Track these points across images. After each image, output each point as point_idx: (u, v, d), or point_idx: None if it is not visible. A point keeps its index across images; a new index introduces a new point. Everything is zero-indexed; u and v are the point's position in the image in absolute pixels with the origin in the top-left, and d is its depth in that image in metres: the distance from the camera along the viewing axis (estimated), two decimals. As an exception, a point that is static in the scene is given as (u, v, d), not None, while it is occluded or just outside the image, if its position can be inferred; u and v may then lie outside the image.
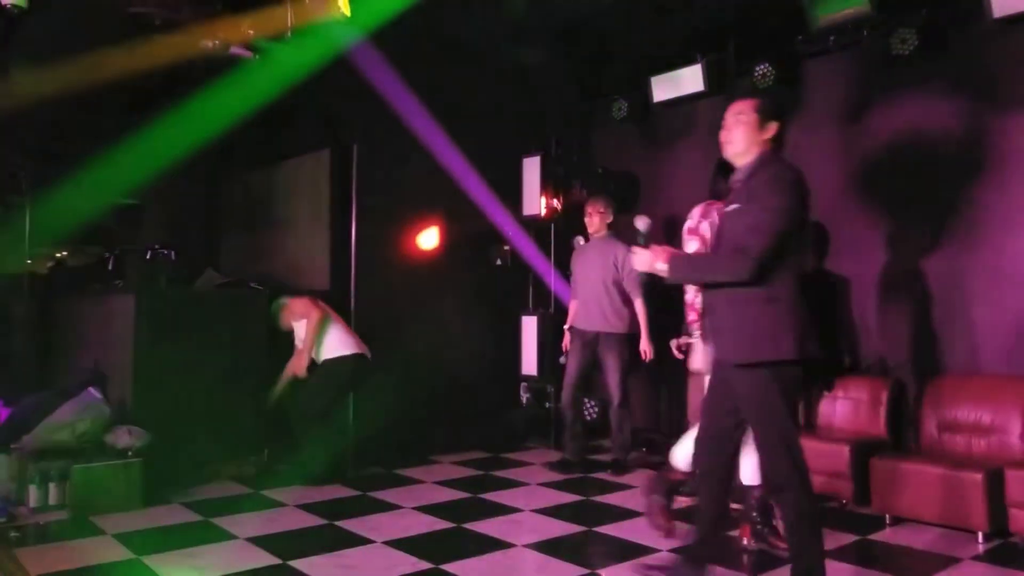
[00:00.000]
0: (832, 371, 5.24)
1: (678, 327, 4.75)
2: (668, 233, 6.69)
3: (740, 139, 3.19)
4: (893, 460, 4.46)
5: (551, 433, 6.76)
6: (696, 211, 4.28)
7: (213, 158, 6.53)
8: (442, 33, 5.65)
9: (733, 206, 3.17)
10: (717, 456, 3.30)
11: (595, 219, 5.88)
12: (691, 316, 4.19)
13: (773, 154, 3.20)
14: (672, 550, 3.96)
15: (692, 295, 4.15)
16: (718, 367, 3.26)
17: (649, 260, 3.22)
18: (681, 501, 4.63)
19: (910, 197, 5.18)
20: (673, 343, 4.87)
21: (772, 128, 3.19)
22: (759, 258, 2.97)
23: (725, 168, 3.49)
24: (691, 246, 4.17)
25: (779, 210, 3.01)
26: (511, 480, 5.54)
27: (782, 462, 3.02)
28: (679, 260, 3.26)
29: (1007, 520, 3.96)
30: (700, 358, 3.98)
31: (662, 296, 5.30)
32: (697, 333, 4.04)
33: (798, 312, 3.03)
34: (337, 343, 5.53)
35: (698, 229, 4.19)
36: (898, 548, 4.03)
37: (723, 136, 3.25)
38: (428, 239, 6.56)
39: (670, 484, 4.13)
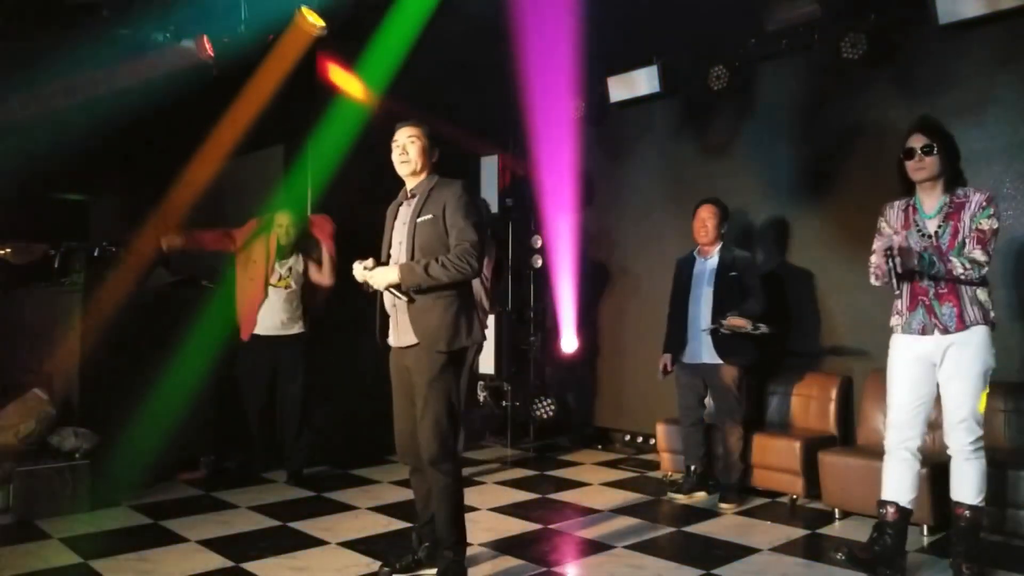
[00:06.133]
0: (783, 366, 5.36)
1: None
2: (630, 233, 6.77)
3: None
4: (841, 455, 4.55)
5: (507, 432, 6.78)
6: None
7: (163, 153, 6.40)
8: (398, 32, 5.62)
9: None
10: None
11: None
12: None
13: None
14: (627, 546, 4.01)
15: None
16: None
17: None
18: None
19: (861, 195, 5.29)
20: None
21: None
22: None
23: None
24: None
25: None
26: (467, 479, 5.52)
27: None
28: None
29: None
30: None
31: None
32: None
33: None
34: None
35: None
36: (847, 542, 4.11)
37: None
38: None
39: None
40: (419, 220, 3.43)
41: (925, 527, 4.11)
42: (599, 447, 6.58)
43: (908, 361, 3.61)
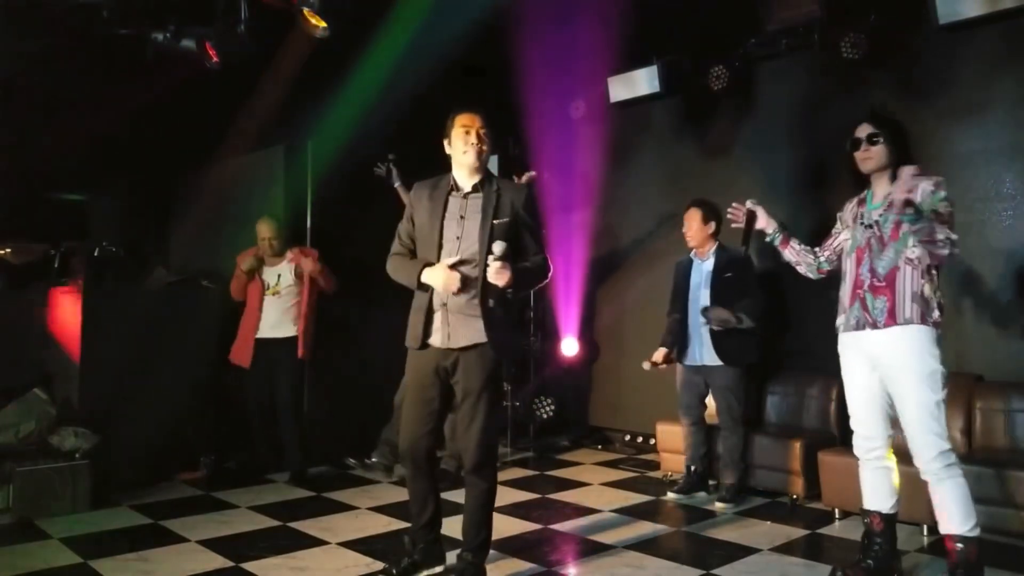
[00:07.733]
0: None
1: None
2: (630, 233, 6.77)
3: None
4: (840, 455, 4.54)
5: (507, 432, 6.77)
6: None
7: (164, 153, 6.40)
8: (396, 30, 5.61)
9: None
10: None
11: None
12: None
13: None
14: (627, 546, 4.01)
15: None
16: None
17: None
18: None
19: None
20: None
21: None
22: None
23: None
24: None
25: None
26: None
27: None
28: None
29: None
30: None
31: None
32: None
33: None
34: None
35: None
36: (846, 541, 4.12)
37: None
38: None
39: None
40: (497, 222, 3.33)
41: (925, 527, 4.11)
42: (599, 447, 6.58)
43: (854, 362, 3.48)
